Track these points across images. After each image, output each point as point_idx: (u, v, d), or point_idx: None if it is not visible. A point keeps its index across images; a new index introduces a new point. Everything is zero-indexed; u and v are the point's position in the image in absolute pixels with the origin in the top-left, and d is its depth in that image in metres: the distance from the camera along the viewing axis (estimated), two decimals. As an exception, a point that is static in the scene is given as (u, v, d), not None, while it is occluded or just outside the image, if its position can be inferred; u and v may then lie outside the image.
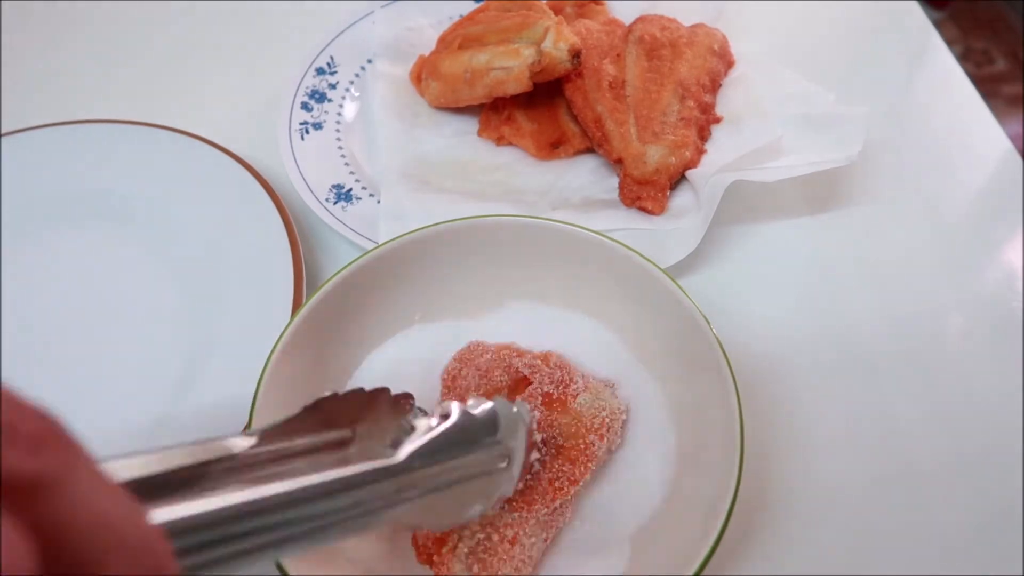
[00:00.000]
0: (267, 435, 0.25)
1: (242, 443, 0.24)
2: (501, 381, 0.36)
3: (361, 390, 0.29)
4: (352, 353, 0.39)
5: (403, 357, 0.39)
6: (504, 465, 0.30)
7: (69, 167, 0.51)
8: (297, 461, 0.25)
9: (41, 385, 0.42)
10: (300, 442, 0.26)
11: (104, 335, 0.44)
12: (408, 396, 0.31)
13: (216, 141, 0.50)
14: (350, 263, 0.37)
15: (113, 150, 0.51)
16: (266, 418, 0.32)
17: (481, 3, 0.57)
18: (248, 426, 0.32)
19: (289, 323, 0.35)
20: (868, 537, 0.37)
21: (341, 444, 0.27)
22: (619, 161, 0.48)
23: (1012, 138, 0.53)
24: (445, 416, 0.28)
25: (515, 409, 0.31)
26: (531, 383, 0.35)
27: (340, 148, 0.52)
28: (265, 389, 0.33)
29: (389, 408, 0.29)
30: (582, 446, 0.33)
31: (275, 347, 0.34)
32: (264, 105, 0.55)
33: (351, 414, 0.28)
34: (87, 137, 0.51)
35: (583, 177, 0.50)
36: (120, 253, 0.47)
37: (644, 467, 0.36)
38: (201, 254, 0.46)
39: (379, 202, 0.48)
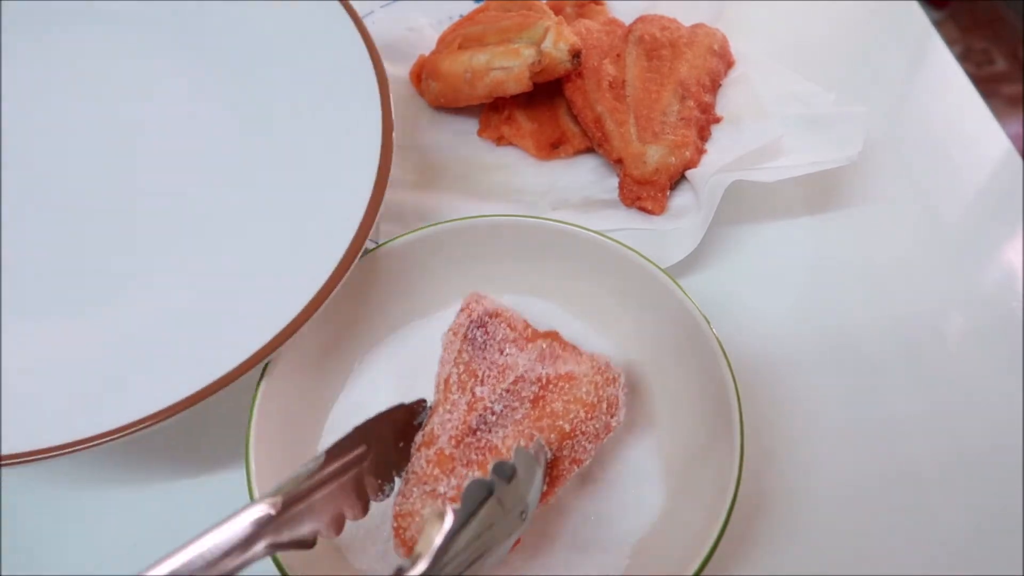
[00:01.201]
0: (288, 500, 0.27)
1: (264, 513, 0.26)
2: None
3: (371, 420, 0.31)
4: (352, 351, 0.39)
5: (401, 354, 0.39)
6: (521, 515, 0.29)
7: None
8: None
9: (53, 245, 0.37)
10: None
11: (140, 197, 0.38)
12: (421, 402, 0.33)
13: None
14: (350, 263, 0.37)
15: None
16: (266, 410, 0.32)
17: (481, 3, 0.57)
18: (251, 412, 0.32)
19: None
20: (868, 537, 0.37)
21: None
22: (619, 161, 0.48)
23: (1012, 138, 0.53)
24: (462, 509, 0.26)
25: (531, 451, 0.30)
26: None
27: (340, 148, 0.52)
28: (263, 394, 0.33)
29: (395, 429, 0.31)
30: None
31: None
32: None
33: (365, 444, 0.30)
34: None
35: (583, 177, 0.50)
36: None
37: (645, 471, 0.36)
38: (282, 108, 0.39)
39: (379, 202, 0.48)
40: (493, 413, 0.32)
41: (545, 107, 0.52)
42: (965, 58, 1.66)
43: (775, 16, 0.61)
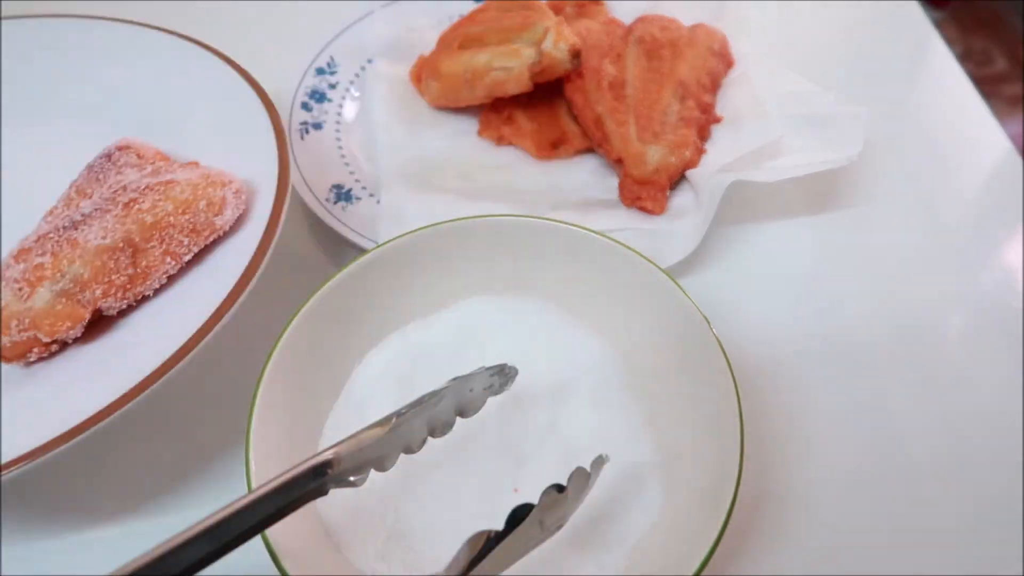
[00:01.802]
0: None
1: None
2: None
3: None
4: (352, 352, 0.39)
5: (403, 355, 0.39)
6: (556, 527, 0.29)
7: (43, 60, 0.48)
8: None
9: None
10: None
11: None
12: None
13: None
14: (350, 263, 0.37)
15: (86, 45, 0.48)
16: (265, 411, 0.32)
17: (481, 3, 0.57)
18: (251, 412, 0.32)
19: (288, 323, 0.35)
20: (868, 537, 0.37)
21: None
22: (619, 161, 0.48)
23: (1012, 138, 0.53)
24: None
25: (589, 470, 0.30)
26: None
27: (340, 148, 0.52)
28: (263, 395, 0.33)
29: None
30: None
31: (273, 350, 0.34)
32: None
33: None
34: (98, 33, 0.48)
35: (583, 177, 0.50)
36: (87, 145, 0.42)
37: (645, 471, 0.36)
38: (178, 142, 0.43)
39: (379, 202, 0.48)
40: (82, 215, 0.33)
41: (545, 107, 0.52)
42: (965, 58, 1.66)
43: (775, 16, 0.61)
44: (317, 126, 0.52)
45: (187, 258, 0.35)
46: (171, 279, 0.35)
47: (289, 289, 0.41)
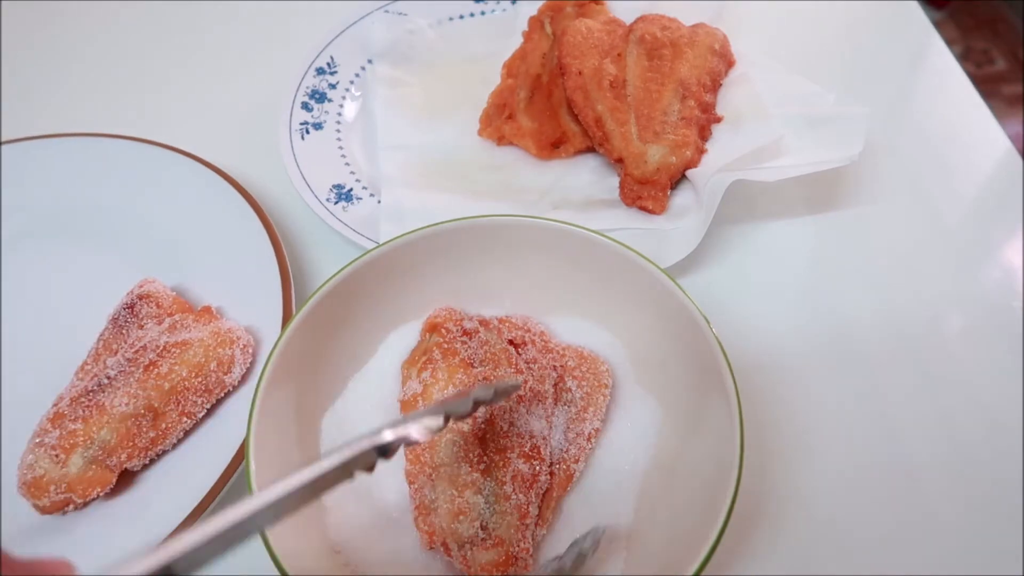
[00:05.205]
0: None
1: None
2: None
3: None
4: (354, 353, 0.39)
5: (399, 353, 0.39)
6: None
7: (58, 181, 0.50)
8: None
9: (27, 397, 0.41)
10: None
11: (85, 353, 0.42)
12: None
13: (216, 140, 0.50)
14: (350, 263, 0.37)
15: (99, 165, 0.50)
16: (266, 418, 0.32)
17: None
18: (248, 425, 0.32)
19: (290, 321, 0.35)
20: (868, 537, 0.37)
21: None
22: (620, 160, 0.48)
23: (1012, 138, 0.53)
24: None
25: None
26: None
27: (340, 148, 0.52)
28: (265, 389, 0.33)
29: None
30: None
31: (274, 348, 0.34)
32: (264, 105, 0.55)
33: None
34: (77, 150, 0.51)
35: (584, 177, 0.50)
36: (104, 268, 0.47)
37: (646, 471, 0.36)
38: (189, 272, 0.45)
39: (379, 202, 0.48)
40: (108, 378, 0.37)
41: (546, 107, 0.52)
42: (965, 58, 1.66)
43: (775, 16, 0.61)
44: (317, 126, 0.52)
45: (201, 415, 0.39)
46: (186, 432, 0.39)
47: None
